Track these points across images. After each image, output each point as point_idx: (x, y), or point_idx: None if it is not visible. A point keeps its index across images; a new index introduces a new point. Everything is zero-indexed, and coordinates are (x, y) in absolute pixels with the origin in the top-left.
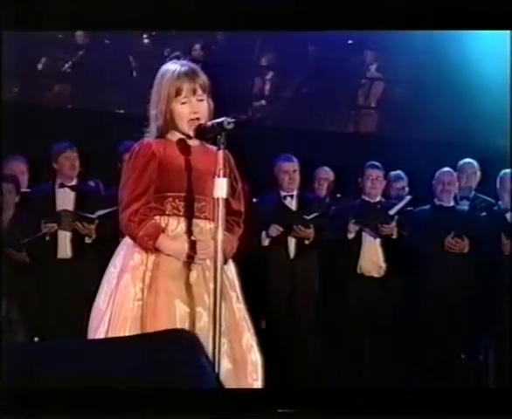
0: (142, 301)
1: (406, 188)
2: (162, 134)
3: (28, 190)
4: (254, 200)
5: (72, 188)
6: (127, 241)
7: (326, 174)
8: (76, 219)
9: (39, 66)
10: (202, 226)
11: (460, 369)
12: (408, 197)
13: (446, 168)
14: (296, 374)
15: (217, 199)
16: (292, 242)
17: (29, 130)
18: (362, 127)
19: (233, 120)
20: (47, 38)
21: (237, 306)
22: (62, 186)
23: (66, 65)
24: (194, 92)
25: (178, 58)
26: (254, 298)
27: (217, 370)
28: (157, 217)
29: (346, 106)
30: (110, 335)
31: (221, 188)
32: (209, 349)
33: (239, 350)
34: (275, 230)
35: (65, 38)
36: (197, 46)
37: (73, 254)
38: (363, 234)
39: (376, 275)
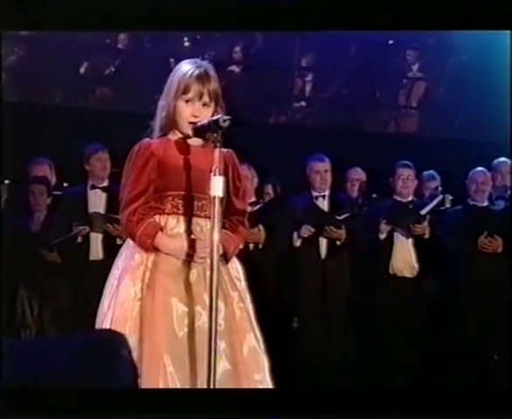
0: (141, 301)
1: (440, 188)
2: (163, 132)
3: (60, 192)
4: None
5: (103, 189)
6: (128, 242)
7: (358, 174)
8: (107, 221)
9: (81, 70)
10: (202, 225)
11: (494, 370)
12: (440, 196)
13: (480, 168)
14: (327, 374)
15: (214, 198)
16: (323, 242)
17: (65, 133)
18: (402, 127)
19: (229, 117)
20: (88, 41)
21: (238, 307)
22: (93, 187)
23: (108, 69)
24: (200, 95)
25: (203, 58)
26: (286, 299)
27: (212, 370)
28: (157, 216)
29: (387, 106)
30: None
31: (217, 186)
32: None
33: (240, 351)
34: (307, 230)
35: (108, 42)
36: (238, 48)
37: (105, 255)
38: (395, 234)
39: (408, 275)
